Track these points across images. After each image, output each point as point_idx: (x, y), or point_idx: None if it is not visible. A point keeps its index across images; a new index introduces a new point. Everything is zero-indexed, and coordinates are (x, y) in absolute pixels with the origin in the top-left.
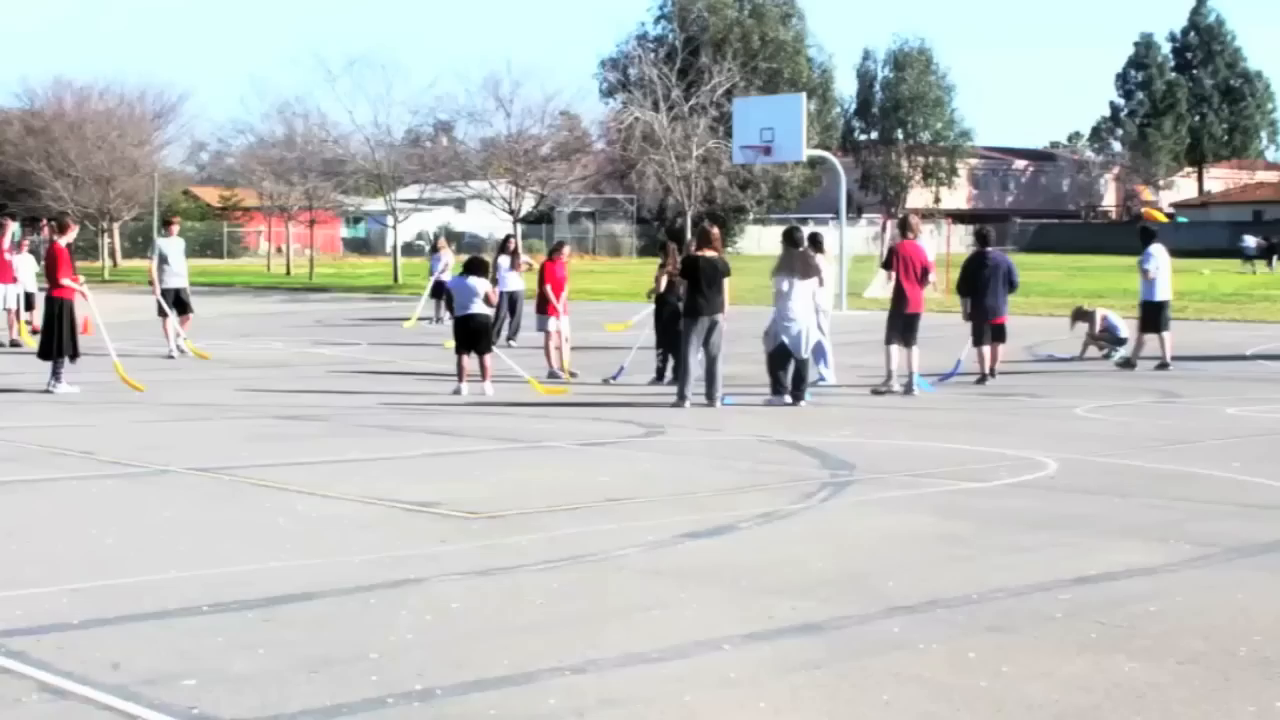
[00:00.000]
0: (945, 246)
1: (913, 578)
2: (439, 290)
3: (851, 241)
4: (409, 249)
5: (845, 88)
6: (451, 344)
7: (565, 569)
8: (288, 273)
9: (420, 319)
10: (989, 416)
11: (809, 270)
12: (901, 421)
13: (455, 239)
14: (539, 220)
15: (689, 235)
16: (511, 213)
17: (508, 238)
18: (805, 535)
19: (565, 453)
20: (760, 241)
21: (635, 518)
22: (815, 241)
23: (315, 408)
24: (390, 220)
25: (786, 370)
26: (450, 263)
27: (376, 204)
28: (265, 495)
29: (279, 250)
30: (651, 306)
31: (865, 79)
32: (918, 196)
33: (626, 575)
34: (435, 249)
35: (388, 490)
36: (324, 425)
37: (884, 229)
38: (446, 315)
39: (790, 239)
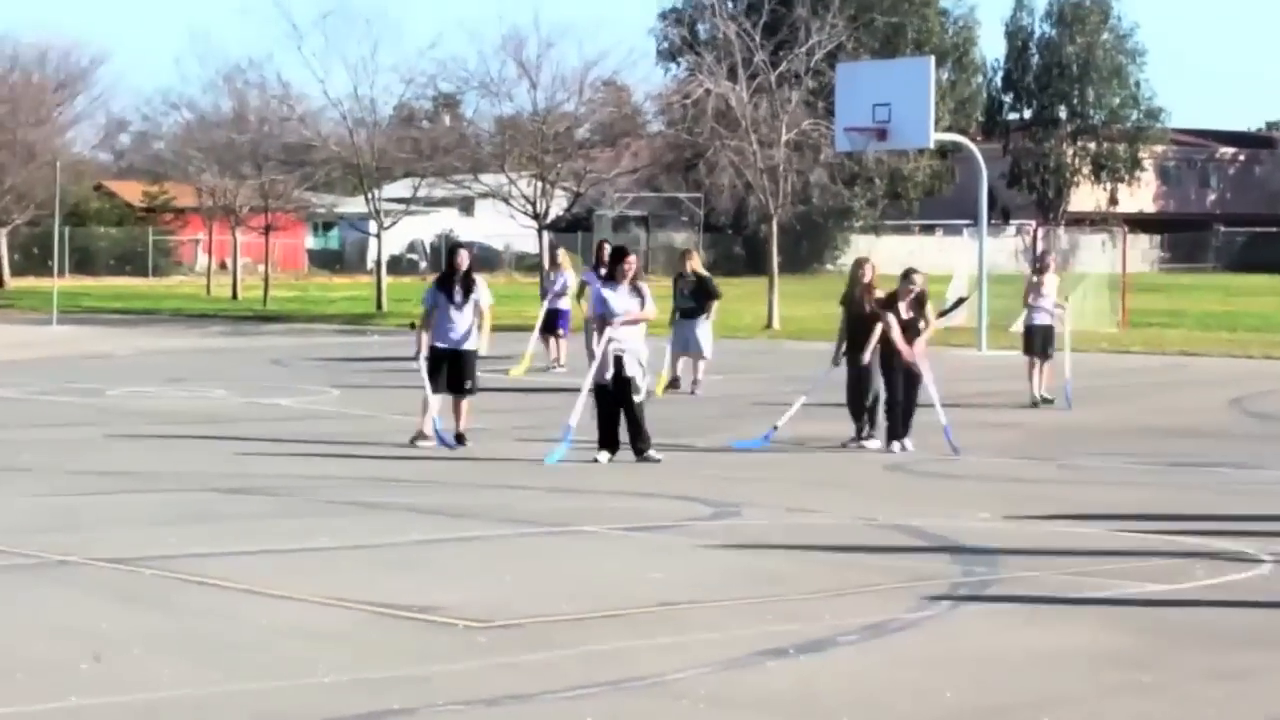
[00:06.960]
0: (1122, 264)
1: (1075, 715)
2: (551, 323)
3: (994, 256)
4: (397, 265)
5: (990, 49)
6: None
7: (604, 698)
8: (234, 296)
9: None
10: (1177, 493)
11: None
12: (1059, 499)
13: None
14: (572, 227)
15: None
16: (536, 217)
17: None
18: (928, 654)
19: (605, 540)
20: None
21: (699, 629)
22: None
23: (268, 477)
24: (373, 226)
25: None
26: (572, 284)
27: (354, 205)
28: (198, 595)
29: (222, 266)
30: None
31: (1017, 38)
32: (1085, 196)
33: (687, 706)
34: (555, 265)
35: (364, 589)
36: (278, 501)
37: (1035, 239)
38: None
39: None
